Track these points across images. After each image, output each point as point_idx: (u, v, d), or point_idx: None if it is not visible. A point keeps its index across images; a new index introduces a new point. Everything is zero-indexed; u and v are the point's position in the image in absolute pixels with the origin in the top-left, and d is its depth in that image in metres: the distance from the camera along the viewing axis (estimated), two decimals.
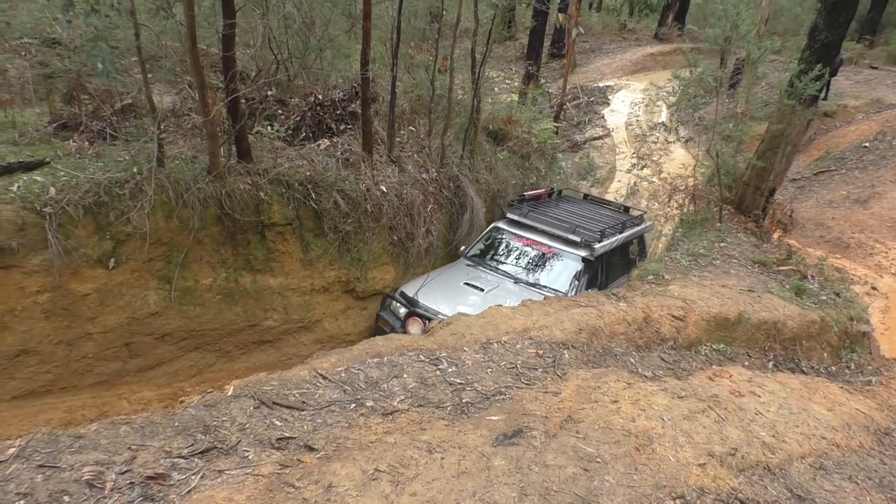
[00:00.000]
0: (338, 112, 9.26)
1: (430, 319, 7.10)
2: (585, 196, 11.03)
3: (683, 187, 11.53)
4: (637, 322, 6.08)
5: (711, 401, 4.72)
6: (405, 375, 4.42)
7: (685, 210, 10.89)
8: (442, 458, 3.59)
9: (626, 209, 10.46)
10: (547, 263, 8.52)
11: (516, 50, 24.72)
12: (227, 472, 3.27)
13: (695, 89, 12.16)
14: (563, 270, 8.41)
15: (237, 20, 6.99)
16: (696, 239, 9.37)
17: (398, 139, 9.43)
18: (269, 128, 8.40)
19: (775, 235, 10.20)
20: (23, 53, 7.91)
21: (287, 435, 3.66)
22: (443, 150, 9.50)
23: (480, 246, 9.06)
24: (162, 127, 6.85)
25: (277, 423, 3.75)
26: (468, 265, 8.69)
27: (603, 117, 19.78)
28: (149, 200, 6.33)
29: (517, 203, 9.36)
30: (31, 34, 8.26)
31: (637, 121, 19.44)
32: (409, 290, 7.97)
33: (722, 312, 6.61)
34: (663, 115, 19.33)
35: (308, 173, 7.84)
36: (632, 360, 5.67)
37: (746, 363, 6.42)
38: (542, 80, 20.79)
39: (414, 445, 3.68)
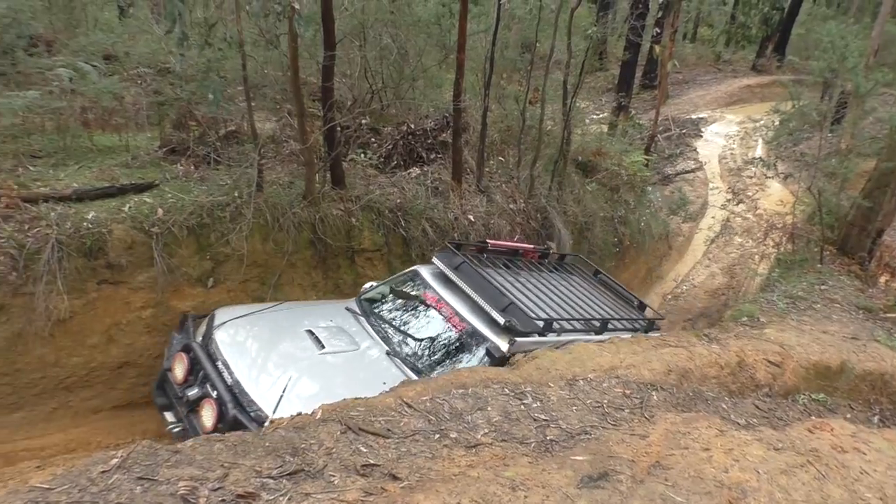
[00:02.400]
0: (429, 141, 9.43)
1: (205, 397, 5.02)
2: (597, 273, 7.99)
3: (781, 225, 11.09)
4: (730, 366, 5.85)
5: (811, 455, 4.46)
6: (489, 408, 4.39)
7: (782, 249, 10.46)
8: (525, 497, 3.53)
9: (641, 306, 7.47)
10: (443, 340, 5.97)
11: (607, 81, 24.54)
12: (312, 495, 3.32)
13: (797, 123, 11.72)
14: (455, 357, 5.81)
15: (336, 51, 7.25)
16: (795, 280, 8.96)
17: (487, 169, 9.50)
18: (362, 155, 8.63)
19: (882, 280, 9.63)
20: (139, 82, 8.44)
21: (372, 462, 3.68)
22: (531, 181, 9.50)
23: (383, 290, 6.63)
24: (262, 153, 7.16)
25: (363, 449, 3.78)
26: (348, 308, 6.32)
27: (695, 150, 19.29)
28: (247, 223, 6.60)
29: (452, 249, 6.66)
30: (146, 64, 8.81)
31: (731, 154, 18.86)
32: (221, 317, 5.72)
33: (822, 360, 6.27)
34: (760, 149, 18.69)
35: (398, 201, 7.99)
36: (724, 406, 5.45)
37: (849, 416, 6.05)
38: (633, 112, 20.53)
39: (497, 481, 3.64)
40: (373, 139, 9.37)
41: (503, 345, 5.63)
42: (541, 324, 5.83)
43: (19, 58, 7.85)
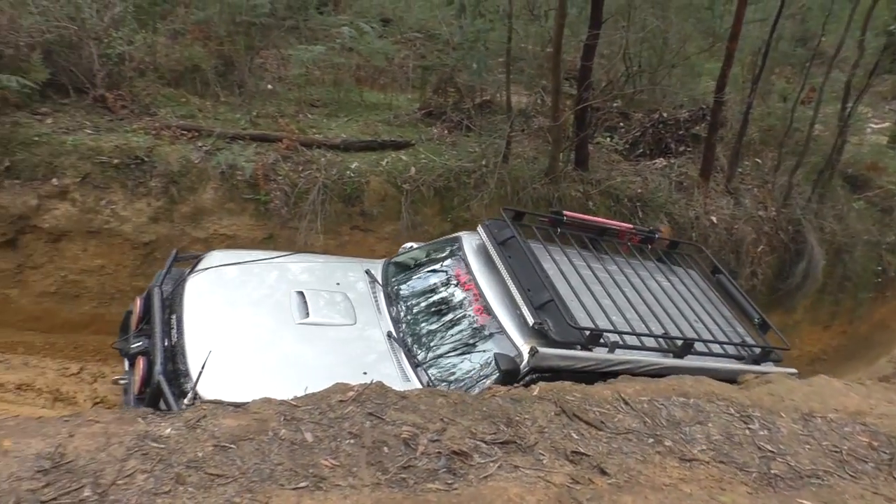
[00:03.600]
0: (679, 132, 9.00)
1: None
2: (716, 271, 6.17)
3: None
4: None
5: None
6: (710, 424, 4.17)
7: None
8: None
9: (764, 326, 5.59)
10: (459, 331, 4.77)
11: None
12: (521, 469, 3.40)
13: None
14: (464, 356, 4.66)
15: (600, 31, 7.15)
16: None
17: (740, 170, 8.88)
18: (608, 139, 8.48)
19: None
20: (409, 45, 8.99)
21: (582, 450, 3.68)
22: (788, 189, 8.71)
23: (418, 255, 5.54)
24: (512, 126, 7.31)
25: (574, 435, 3.79)
26: (367, 272, 5.34)
27: None
28: (489, 192, 6.82)
29: (511, 219, 5.24)
30: (418, 29, 9.34)
31: None
32: (210, 261, 4.94)
33: None
34: None
35: (639, 190, 7.77)
36: None
37: None
38: None
39: None
40: (621, 124, 9.16)
41: (522, 354, 4.39)
42: (581, 334, 4.49)
43: (311, 14, 8.72)
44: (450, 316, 4.88)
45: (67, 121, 6.19)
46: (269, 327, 4.52)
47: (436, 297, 5.06)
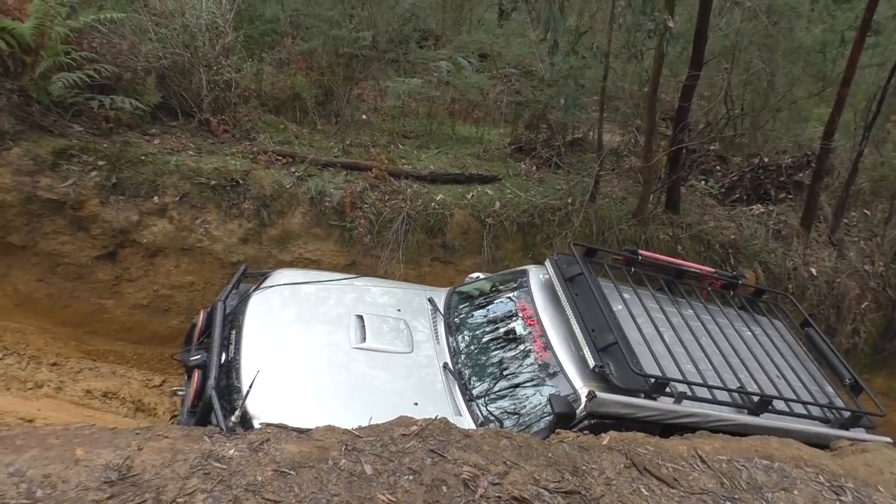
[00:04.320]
0: (781, 179, 8.61)
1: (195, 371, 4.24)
2: (806, 325, 5.73)
3: None
4: None
5: None
6: (796, 492, 3.89)
7: None
8: None
9: (856, 387, 5.19)
10: (516, 368, 4.59)
11: None
12: None
13: None
14: (520, 393, 4.45)
15: (701, 72, 6.97)
16: None
17: (845, 220, 8.38)
18: (703, 182, 8.21)
19: None
20: (504, 81, 9.04)
21: None
22: None
23: (483, 286, 5.39)
24: (602, 164, 7.19)
25: (644, 491, 3.61)
26: (430, 300, 5.25)
27: None
28: (573, 231, 6.71)
29: (582, 255, 4.99)
30: (514, 65, 9.39)
31: None
32: (275, 279, 4.99)
33: None
34: None
35: (732, 237, 7.46)
36: None
37: None
38: None
39: None
40: (718, 167, 8.85)
41: (580, 397, 4.13)
42: (648, 383, 4.19)
43: (411, 48, 8.93)
44: (509, 351, 4.71)
45: (173, 142, 6.55)
46: (324, 349, 4.49)
47: (496, 331, 4.90)
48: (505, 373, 4.59)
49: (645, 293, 5.11)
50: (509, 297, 5.09)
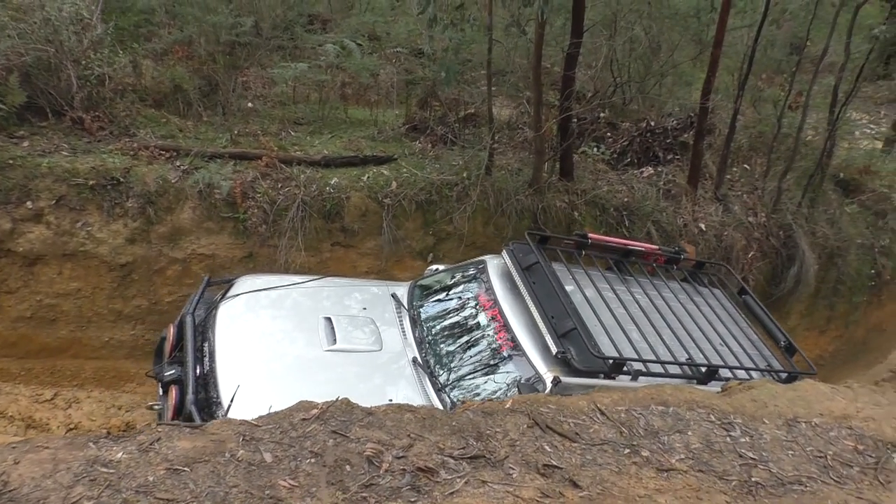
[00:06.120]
0: (668, 141, 8.93)
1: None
2: (742, 292, 6.14)
3: None
4: None
5: None
6: (690, 433, 4.06)
7: None
8: None
9: (790, 348, 5.53)
10: (481, 358, 4.79)
11: (891, 91, 21.48)
12: (489, 483, 3.30)
13: None
14: (486, 382, 4.68)
15: (583, 40, 7.11)
16: None
17: (728, 176, 8.80)
18: (595, 149, 8.41)
19: None
20: (393, 61, 8.97)
21: (554, 463, 3.57)
22: (778, 194, 8.62)
23: (443, 278, 5.53)
24: (496, 138, 7.26)
25: (547, 448, 3.68)
26: (394, 295, 5.38)
27: None
28: (471, 205, 6.76)
29: (536, 243, 5.18)
30: (403, 45, 9.32)
31: None
32: (240, 287, 5.03)
33: None
34: None
35: (626, 199, 7.70)
36: None
37: None
38: None
39: None
40: (609, 134, 9.09)
41: (546, 382, 4.38)
42: (608, 362, 4.48)
43: (297, 33, 8.72)
44: (474, 341, 4.89)
45: (44, 143, 6.16)
46: (297, 354, 4.61)
47: (460, 323, 5.06)
48: (472, 362, 4.77)
49: (596, 274, 5.37)
50: (469, 289, 5.26)
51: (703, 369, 4.89)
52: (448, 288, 5.39)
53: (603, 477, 3.58)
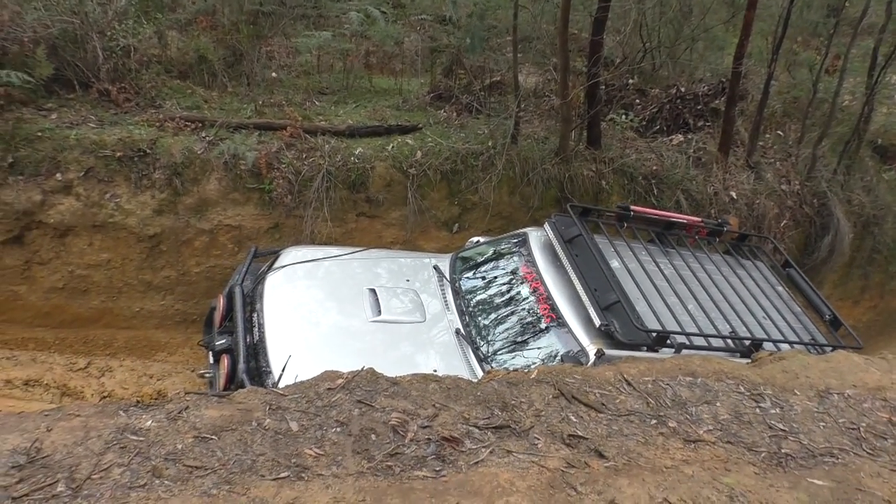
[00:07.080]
0: (698, 107, 8.74)
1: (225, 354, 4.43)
2: (787, 265, 6.14)
3: None
4: None
5: None
6: (718, 404, 4.01)
7: None
8: None
9: (835, 322, 5.55)
10: (524, 330, 4.82)
11: None
12: (514, 453, 3.29)
13: None
14: (530, 351, 4.72)
15: (612, 3, 6.94)
16: None
17: (761, 143, 8.59)
18: (623, 117, 8.26)
19: None
20: (418, 28, 8.85)
21: (579, 433, 3.56)
22: (813, 161, 8.40)
23: (484, 250, 5.55)
24: (522, 106, 7.16)
25: (573, 418, 3.67)
26: (436, 267, 5.41)
27: None
28: (497, 174, 6.69)
29: (578, 216, 5.21)
30: (428, 11, 9.18)
31: None
32: (286, 258, 5.12)
33: None
34: None
35: (654, 168, 7.56)
36: None
37: None
38: None
39: (713, 485, 3.33)
40: (637, 101, 8.90)
41: (589, 354, 4.40)
42: (651, 335, 4.48)
43: (321, 1, 8.64)
44: (517, 313, 4.90)
45: (72, 115, 6.20)
46: (343, 325, 4.68)
47: (502, 294, 5.08)
48: (514, 333, 4.80)
49: (638, 247, 5.33)
50: (511, 261, 5.29)
51: (747, 342, 4.85)
52: (489, 260, 5.42)
53: (629, 448, 3.55)
